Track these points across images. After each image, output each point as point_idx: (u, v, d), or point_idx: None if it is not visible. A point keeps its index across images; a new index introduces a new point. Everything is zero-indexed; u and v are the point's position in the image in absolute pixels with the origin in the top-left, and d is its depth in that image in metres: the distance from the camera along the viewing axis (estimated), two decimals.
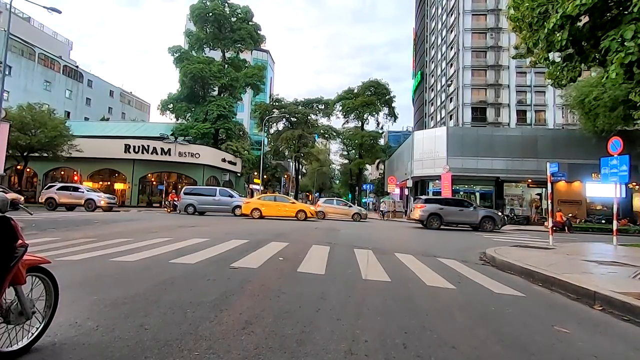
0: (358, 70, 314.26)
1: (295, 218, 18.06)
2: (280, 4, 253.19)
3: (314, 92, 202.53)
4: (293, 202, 20.48)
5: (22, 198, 21.10)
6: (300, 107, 50.23)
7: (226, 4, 37.59)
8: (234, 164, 35.66)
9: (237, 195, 22.08)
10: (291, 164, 53.71)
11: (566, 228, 19.73)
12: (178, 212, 20.75)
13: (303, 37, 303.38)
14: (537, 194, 27.24)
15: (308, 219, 18.07)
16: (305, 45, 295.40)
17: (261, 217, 17.94)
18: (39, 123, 23.15)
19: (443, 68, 55.66)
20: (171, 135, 31.52)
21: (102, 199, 21.01)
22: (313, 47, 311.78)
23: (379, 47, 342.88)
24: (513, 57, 13.45)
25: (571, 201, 25.05)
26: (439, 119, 56.61)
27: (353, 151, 52.79)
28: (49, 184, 23.06)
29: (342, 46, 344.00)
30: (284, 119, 50.64)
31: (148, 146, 28.96)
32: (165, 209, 21.15)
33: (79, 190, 21.29)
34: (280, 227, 12.83)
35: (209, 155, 31.44)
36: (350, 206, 23.62)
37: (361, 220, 21.71)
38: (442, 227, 16.56)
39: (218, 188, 22.88)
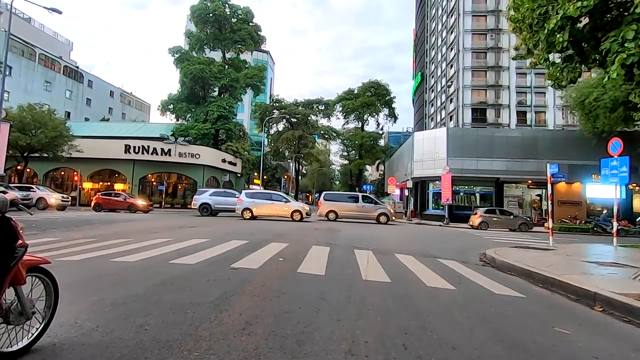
0: (361, 71, 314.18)
1: None
2: (285, 7, 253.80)
3: (317, 93, 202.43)
4: None
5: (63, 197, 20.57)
6: (301, 108, 50.22)
7: (227, 5, 37.61)
8: (234, 164, 35.67)
9: (381, 202, 21.76)
10: (291, 164, 53.73)
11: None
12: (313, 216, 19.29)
13: (307, 39, 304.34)
14: (537, 195, 27.23)
15: None
16: (309, 47, 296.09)
17: None
18: (39, 123, 23.15)
19: (443, 69, 55.67)
20: (171, 135, 31.54)
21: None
22: (316, 49, 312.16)
23: (382, 49, 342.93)
24: (513, 58, 13.45)
25: (571, 202, 25.03)
26: (439, 119, 56.61)
27: (353, 152, 52.81)
28: (201, 190, 21.99)
29: (345, 48, 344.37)
30: (284, 120, 50.63)
31: (148, 147, 28.97)
32: None
33: (235, 196, 20.47)
34: (280, 228, 12.82)
35: (209, 155, 31.44)
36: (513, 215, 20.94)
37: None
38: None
39: (360, 194, 22.01)
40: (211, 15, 36.28)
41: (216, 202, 19.86)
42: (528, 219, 21.46)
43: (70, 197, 23.23)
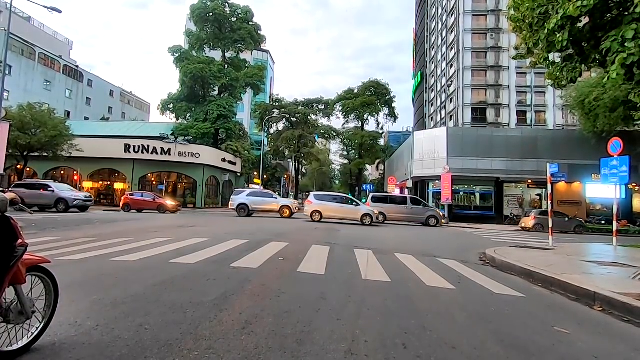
0: (361, 71, 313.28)
1: None
2: (285, 6, 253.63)
3: (317, 93, 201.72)
4: None
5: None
6: (301, 107, 50.20)
7: (226, 4, 37.57)
8: (234, 164, 35.65)
9: (430, 205, 21.95)
10: (291, 164, 53.70)
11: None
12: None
13: (307, 39, 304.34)
14: (537, 195, 27.25)
15: None
16: (309, 47, 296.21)
17: None
18: (39, 123, 23.12)
19: (443, 68, 55.65)
20: (171, 135, 31.50)
21: (295, 204, 21.34)
22: (317, 49, 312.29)
23: (382, 49, 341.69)
24: (513, 58, 13.44)
25: (571, 202, 25.05)
26: (439, 119, 56.60)
27: (353, 151, 52.77)
28: (238, 190, 22.44)
29: (346, 48, 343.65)
30: (284, 119, 50.61)
31: (148, 146, 28.94)
32: None
33: (273, 196, 21.13)
34: (280, 227, 12.83)
35: (209, 155, 31.41)
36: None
37: None
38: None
39: (409, 196, 22.12)
40: (211, 14, 36.23)
41: (253, 202, 20.27)
42: (583, 221, 21.32)
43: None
